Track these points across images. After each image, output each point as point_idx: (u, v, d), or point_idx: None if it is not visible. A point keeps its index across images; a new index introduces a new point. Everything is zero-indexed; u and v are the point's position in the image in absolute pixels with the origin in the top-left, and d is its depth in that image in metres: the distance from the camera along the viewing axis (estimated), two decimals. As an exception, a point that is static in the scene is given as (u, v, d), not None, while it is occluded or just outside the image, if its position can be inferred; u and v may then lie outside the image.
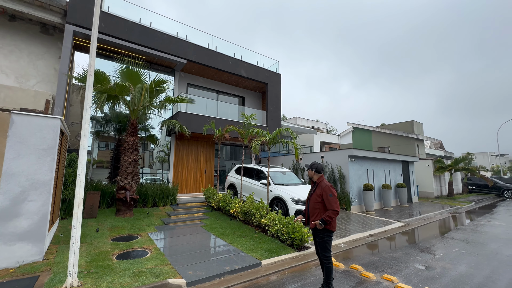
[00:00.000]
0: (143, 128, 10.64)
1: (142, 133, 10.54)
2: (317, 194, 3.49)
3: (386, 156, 11.82)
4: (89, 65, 3.70)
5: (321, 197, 3.44)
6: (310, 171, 3.72)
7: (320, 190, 3.48)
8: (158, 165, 11.40)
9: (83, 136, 3.49)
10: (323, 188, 3.46)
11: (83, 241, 5.09)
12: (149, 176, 10.89)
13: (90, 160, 9.63)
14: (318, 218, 3.41)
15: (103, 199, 7.81)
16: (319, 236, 3.44)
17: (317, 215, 3.44)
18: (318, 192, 3.49)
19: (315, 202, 3.49)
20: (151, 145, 11.41)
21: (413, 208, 11.27)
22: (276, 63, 14.21)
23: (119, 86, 6.46)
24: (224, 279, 3.87)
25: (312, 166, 3.72)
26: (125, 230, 6.08)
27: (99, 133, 10.20)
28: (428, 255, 5.20)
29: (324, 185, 3.47)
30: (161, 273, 3.81)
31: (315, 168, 3.68)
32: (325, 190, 3.42)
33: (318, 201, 3.48)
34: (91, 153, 10.05)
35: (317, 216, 3.43)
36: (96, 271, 3.78)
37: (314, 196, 3.55)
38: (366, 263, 4.65)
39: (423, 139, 22.05)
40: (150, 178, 10.79)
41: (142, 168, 10.72)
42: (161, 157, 11.62)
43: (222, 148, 14.29)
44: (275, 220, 5.79)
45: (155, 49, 9.72)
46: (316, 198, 3.49)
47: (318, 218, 3.40)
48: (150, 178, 10.79)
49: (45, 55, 8.86)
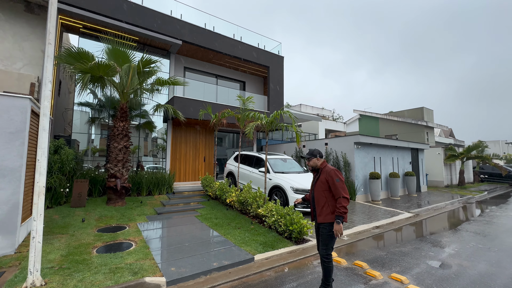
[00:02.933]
0: (139, 114, 10.19)
1: (141, 120, 10.10)
2: (321, 181, 3.00)
3: (395, 143, 11.15)
4: (48, 32, 3.18)
5: (326, 184, 2.95)
6: (314, 159, 3.14)
7: (325, 176, 2.98)
8: (158, 153, 11.02)
9: (42, 115, 3.01)
10: (328, 172, 2.96)
11: (65, 232, 4.74)
12: (152, 164, 10.54)
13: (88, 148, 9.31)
14: (325, 209, 2.91)
15: (95, 188, 7.48)
16: (324, 230, 2.93)
17: (324, 205, 2.94)
18: (322, 178, 3.00)
19: (321, 190, 3.00)
20: (153, 133, 10.95)
21: (422, 197, 10.69)
22: (278, 45, 13.39)
23: (103, 65, 5.92)
24: (210, 276, 3.46)
25: (312, 153, 3.16)
26: (114, 220, 5.74)
27: (94, 119, 9.79)
28: (441, 250, 4.69)
29: (329, 169, 2.99)
30: (140, 270, 3.41)
31: (317, 153, 3.15)
32: (331, 175, 2.93)
33: (323, 189, 2.97)
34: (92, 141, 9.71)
35: (324, 207, 2.93)
36: (69, 267, 3.40)
37: (318, 184, 3.04)
38: (372, 259, 4.18)
39: (433, 127, 21.07)
40: (152, 167, 10.44)
41: (145, 156, 10.38)
42: (160, 145, 11.21)
43: (224, 136, 13.80)
44: (273, 211, 5.34)
45: (147, 28, 9.07)
46: (321, 185, 3.00)
47: (326, 209, 2.91)
48: (152, 167, 10.44)
49: (31, 36, 8.33)
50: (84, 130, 9.36)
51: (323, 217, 2.92)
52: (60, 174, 6.17)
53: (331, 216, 2.86)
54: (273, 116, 5.90)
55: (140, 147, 10.55)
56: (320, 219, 2.95)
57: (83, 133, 9.21)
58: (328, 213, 2.89)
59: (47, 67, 3.13)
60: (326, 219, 2.90)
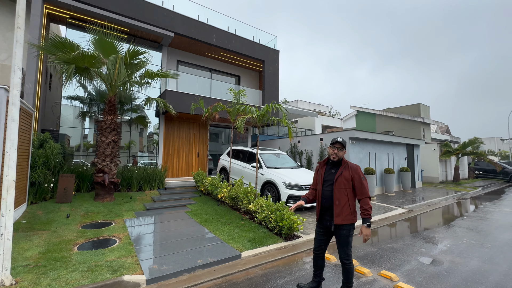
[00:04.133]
0: (131, 108, 9.96)
1: (132, 115, 9.88)
2: (345, 177, 2.68)
3: (390, 139, 11.05)
4: (17, 15, 2.96)
5: (351, 181, 2.67)
6: (344, 151, 2.82)
7: (350, 172, 2.69)
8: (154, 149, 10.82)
9: (11, 104, 2.81)
10: (355, 169, 2.71)
11: (47, 228, 4.58)
12: (147, 160, 10.34)
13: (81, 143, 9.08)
14: (346, 209, 2.64)
15: (83, 183, 7.30)
16: (344, 232, 2.68)
17: (345, 205, 2.65)
18: (347, 174, 2.68)
19: (343, 188, 2.68)
20: (149, 129, 10.70)
21: (417, 193, 10.65)
22: (274, 39, 13.14)
23: (87, 56, 5.70)
24: (194, 274, 3.33)
25: (343, 144, 2.80)
26: (100, 216, 5.58)
27: (86, 114, 9.53)
28: (434, 246, 4.61)
29: (355, 166, 2.74)
30: (120, 268, 3.27)
31: (345, 143, 2.81)
32: (358, 172, 2.69)
33: (347, 187, 2.68)
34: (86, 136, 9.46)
35: (345, 206, 2.64)
36: (45, 265, 3.25)
37: (341, 181, 2.69)
38: (362, 256, 4.08)
39: (429, 123, 21.06)
40: (148, 162, 10.25)
41: (140, 152, 10.18)
42: (155, 140, 11.01)
43: (221, 132, 13.59)
44: (263, 206, 5.21)
45: (137, 19, 8.80)
46: (344, 182, 2.68)
47: (346, 209, 2.65)
48: (148, 162, 10.25)
49: (16, 26, 8.03)
50: (76, 124, 9.11)
51: (343, 218, 2.65)
52: (45, 169, 5.98)
53: (351, 216, 2.65)
54: (264, 110, 5.73)
55: (135, 142, 10.36)
56: (339, 219, 2.65)
57: (76, 127, 8.95)
58: (348, 214, 2.64)
59: (16, 52, 2.93)
60: (346, 219, 2.65)
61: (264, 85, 12.22)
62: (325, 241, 2.90)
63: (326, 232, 2.86)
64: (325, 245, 2.93)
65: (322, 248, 2.93)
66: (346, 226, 2.67)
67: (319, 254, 2.95)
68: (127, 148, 10.24)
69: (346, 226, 2.67)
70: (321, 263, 2.96)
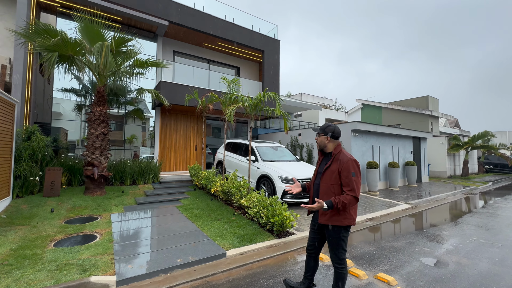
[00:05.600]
0: (127, 101, 9.72)
1: (128, 108, 9.66)
2: (332, 170, 2.33)
3: (395, 131, 10.55)
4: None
5: (338, 176, 2.30)
6: (322, 137, 2.45)
7: (338, 166, 2.30)
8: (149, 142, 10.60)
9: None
10: (344, 162, 2.28)
11: (27, 223, 4.38)
12: (150, 154, 10.13)
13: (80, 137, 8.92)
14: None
15: (75, 177, 7.12)
16: (330, 232, 2.35)
17: None
18: (334, 168, 2.32)
19: (329, 183, 2.32)
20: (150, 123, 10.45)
21: (423, 188, 10.19)
22: (274, 28, 12.64)
23: (71, 43, 5.41)
24: (171, 275, 3.06)
25: (325, 128, 2.45)
26: (87, 210, 5.37)
27: (82, 107, 9.32)
28: (438, 245, 4.24)
29: (345, 158, 2.30)
30: (91, 267, 3.02)
31: (330, 131, 2.41)
32: (347, 166, 2.26)
33: (334, 182, 2.30)
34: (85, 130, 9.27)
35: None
36: (12, 263, 3.03)
37: (328, 174, 2.35)
38: (359, 256, 3.74)
39: (438, 116, 20.31)
40: (149, 156, 10.05)
41: (143, 146, 9.98)
42: (152, 134, 10.79)
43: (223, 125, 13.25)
44: (255, 201, 4.90)
45: (129, 7, 8.46)
46: (331, 176, 2.33)
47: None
48: (149, 156, 10.05)
49: (5, 16, 7.81)
50: (73, 118, 8.90)
51: (328, 218, 2.31)
52: (31, 162, 5.79)
53: (339, 218, 2.28)
54: (257, 99, 5.37)
55: (137, 136, 10.17)
56: (324, 219, 2.33)
57: (71, 120, 8.75)
58: (335, 214, 2.29)
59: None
60: (332, 220, 2.29)
61: (264, 76, 11.79)
62: (319, 240, 2.57)
63: (319, 230, 2.54)
64: (319, 244, 2.59)
65: (316, 248, 2.60)
66: (335, 228, 2.32)
67: (312, 254, 2.63)
68: (129, 142, 10.08)
69: (334, 228, 2.32)
70: (313, 264, 2.64)
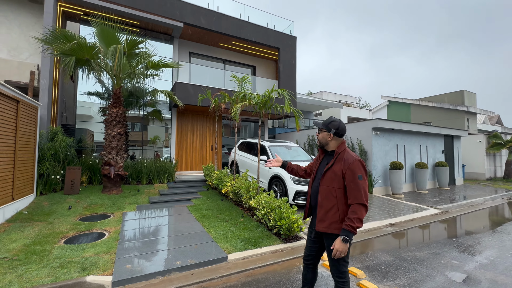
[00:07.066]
0: (146, 103, 10.05)
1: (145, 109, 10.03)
2: (334, 172, 2.00)
3: (423, 129, 9.69)
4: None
5: (341, 178, 1.97)
6: (324, 133, 2.14)
7: (342, 167, 1.97)
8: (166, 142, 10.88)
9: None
10: (350, 163, 1.95)
11: (44, 220, 4.60)
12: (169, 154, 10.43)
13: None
14: (332, 214, 1.99)
15: (95, 176, 7.45)
16: (328, 241, 2.06)
17: (331, 209, 2.00)
18: (336, 169, 2.00)
19: (330, 187, 2.01)
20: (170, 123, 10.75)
21: (456, 191, 9.24)
22: (290, 24, 12.32)
23: (87, 47, 5.63)
24: (168, 277, 2.97)
25: (328, 124, 2.13)
26: (102, 208, 5.55)
27: (105, 109, 9.78)
28: (470, 258, 3.70)
29: (351, 158, 1.98)
30: (91, 266, 3.03)
31: (334, 128, 2.09)
32: (352, 167, 1.94)
33: (335, 185, 1.99)
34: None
35: (331, 211, 1.99)
36: (21, 259, 3.14)
37: (329, 176, 2.04)
38: (373, 266, 3.37)
39: (475, 112, 18.46)
40: (169, 157, 10.34)
41: (166, 147, 10.29)
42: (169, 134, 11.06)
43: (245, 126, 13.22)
44: (263, 203, 4.69)
45: (146, 11, 8.70)
46: (333, 178, 2.01)
47: (334, 214, 1.98)
48: (169, 157, 10.34)
49: (36, 26, 8.41)
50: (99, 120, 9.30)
51: (327, 225, 2.01)
52: (53, 161, 6.13)
53: (340, 226, 1.96)
54: (265, 96, 5.17)
55: (160, 137, 10.50)
56: (322, 226, 2.03)
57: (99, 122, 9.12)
58: (335, 221, 1.98)
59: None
60: (331, 228, 1.99)
61: (279, 74, 11.52)
62: (317, 250, 2.26)
63: (317, 238, 2.26)
64: (317, 254, 2.30)
65: (313, 258, 2.31)
66: (334, 236, 2.03)
67: (309, 265, 2.34)
68: (152, 142, 10.48)
69: (333, 236, 2.03)
70: (311, 277, 2.35)
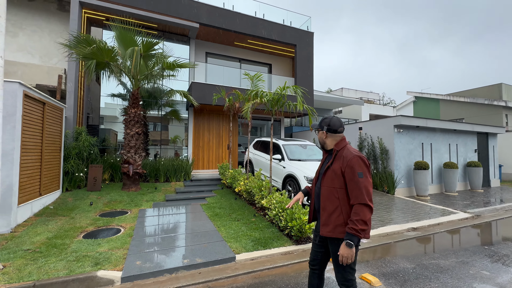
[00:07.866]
0: (166, 103, 10.39)
1: (164, 109, 10.40)
2: (334, 171, 1.89)
3: (453, 126, 8.97)
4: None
5: (341, 177, 1.85)
6: (320, 132, 2.06)
7: (341, 164, 1.87)
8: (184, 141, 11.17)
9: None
10: (348, 160, 1.84)
11: (67, 215, 4.88)
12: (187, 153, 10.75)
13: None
14: (336, 216, 1.86)
15: (116, 173, 7.79)
16: (333, 246, 1.93)
17: (334, 211, 1.87)
18: (336, 167, 1.89)
19: (331, 187, 1.90)
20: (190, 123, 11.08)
21: (491, 194, 8.45)
22: (307, 20, 12.00)
23: (106, 50, 5.88)
24: (175, 275, 2.98)
25: (321, 122, 2.07)
26: (121, 205, 5.77)
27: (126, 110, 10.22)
28: (504, 269, 3.32)
29: (350, 155, 1.85)
30: (104, 261, 3.13)
31: (325, 125, 2.01)
32: (351, 164, 1.82)
33: (336, 185, 1.87)
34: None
35: (334, 213, 1.87)
36: (42, 251, 3.34)
37: (329, 176, 1.93)
38: (390, 273, 3.14)
39: (515, 107, 16.77)
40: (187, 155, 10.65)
41: (185, 146, 10.61)
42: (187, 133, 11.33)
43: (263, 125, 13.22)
44: (275, 203, 4.59)
45: (164, 14, 8.93)
46: (332, 177, 1.90)
47: (337, 217, 1.86)
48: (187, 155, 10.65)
49: (64, 33, 8.96)
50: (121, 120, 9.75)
51: (331, 229, 1.88)
52: (78, 160, 6.49)
53: (345, 229, 1.83)
54: (278, 93, 5.05)
55: (180, 137, 10.85)
56: (326, 230, 1.90)
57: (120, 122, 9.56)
58: (340, 224, 1.85)
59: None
60: (336, 232, 1.86)
61: (296, 71, 11.29)
62: (323, 254, 2.12)
63: (323, 242, 2.12)
64: (323, 259, 2.16)
65: (319, 263, 2.17)
66: (339, 241, 1.88)
67: (315, 270, 2.20)
68: (173, 141, 10.84)
69: (338, 241, 1.89)
70: (317, 283, 2.21)
